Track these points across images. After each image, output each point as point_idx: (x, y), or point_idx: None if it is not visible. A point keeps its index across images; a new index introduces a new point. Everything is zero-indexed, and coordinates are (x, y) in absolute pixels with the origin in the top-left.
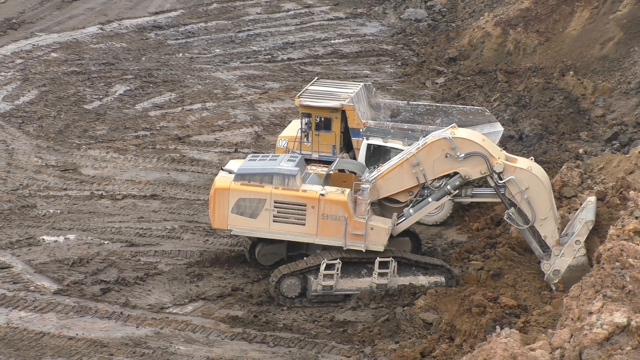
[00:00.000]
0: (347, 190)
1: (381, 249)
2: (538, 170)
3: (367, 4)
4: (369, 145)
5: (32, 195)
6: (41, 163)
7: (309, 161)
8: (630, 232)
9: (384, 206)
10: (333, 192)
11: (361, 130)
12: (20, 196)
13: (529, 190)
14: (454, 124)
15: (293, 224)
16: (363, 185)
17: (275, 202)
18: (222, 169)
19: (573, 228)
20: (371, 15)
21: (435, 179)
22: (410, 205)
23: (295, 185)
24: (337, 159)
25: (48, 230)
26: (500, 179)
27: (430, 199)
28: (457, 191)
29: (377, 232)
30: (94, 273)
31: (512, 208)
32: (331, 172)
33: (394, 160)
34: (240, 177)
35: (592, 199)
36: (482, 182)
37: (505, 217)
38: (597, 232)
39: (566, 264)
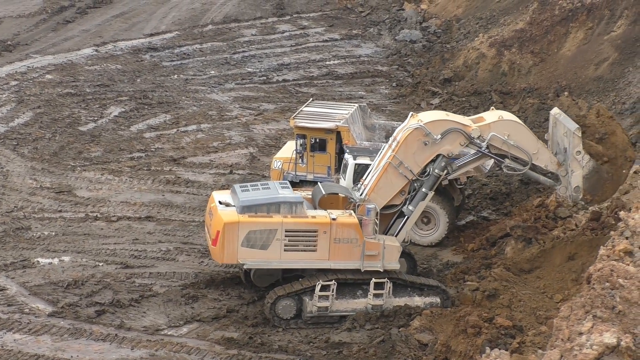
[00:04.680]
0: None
1: (397, 266)
2: (508, 115)
3: (362, 26)
4: (356, 165)
5: (27, 217)
6: (36, 185)
7: (293, 184)
8: (621, 253)
9: (380, 219)
10: (343, 216)
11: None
12: (14, 218)
13: (511, 136)
14: (412, 113)
15: (304, 251)
16: (368, 206)
17: (286, 231)
18: (220, 202)
19: (560, 145)
20: (366, 36)
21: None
22: (408, 203)
23: (303, 212)
24: (318, 184)
25: (43, 253)
26: (483, 141)
27: (423, 189)
28: (445, 172)
29: (390, 251)
30: (89, 295)
31: (506, 160)
32: (324, 195)
33: (375, 171)
34: (247, 209)
35: (553, 110)
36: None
37: (505, 171)
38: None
39: (580, 177)
